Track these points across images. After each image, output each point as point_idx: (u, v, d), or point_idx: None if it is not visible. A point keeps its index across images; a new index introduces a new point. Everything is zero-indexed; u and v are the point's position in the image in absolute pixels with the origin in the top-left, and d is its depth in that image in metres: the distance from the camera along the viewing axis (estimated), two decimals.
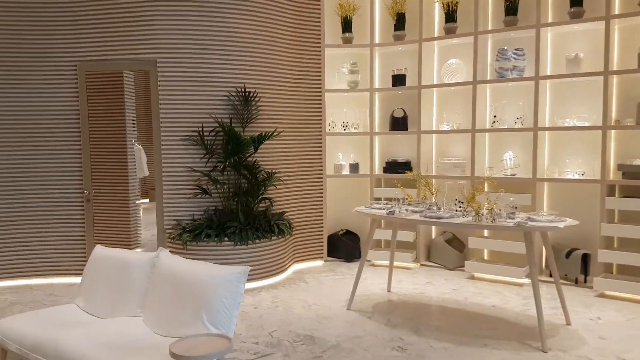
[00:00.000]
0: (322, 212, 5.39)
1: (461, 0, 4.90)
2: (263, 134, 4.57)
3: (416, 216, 3.42)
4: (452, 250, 4.99)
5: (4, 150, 4.71)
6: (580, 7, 4.24)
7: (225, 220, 4.52)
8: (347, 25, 5.40)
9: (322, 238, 5.41)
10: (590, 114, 4.34)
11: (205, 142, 4.62)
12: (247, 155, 4.56)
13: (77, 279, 4.81)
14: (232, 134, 4.44)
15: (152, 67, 4.62)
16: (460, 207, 3.38)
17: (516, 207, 3.21)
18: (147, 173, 7.00)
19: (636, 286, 3.83)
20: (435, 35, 5.19)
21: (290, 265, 5.01)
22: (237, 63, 4.74)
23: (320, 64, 5.30)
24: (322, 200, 5.39)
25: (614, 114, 4.16)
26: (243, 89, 4.71)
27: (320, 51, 5.29)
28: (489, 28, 4.84)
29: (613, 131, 4.15)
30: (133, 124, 5.83)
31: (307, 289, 4.36)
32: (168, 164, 4.66)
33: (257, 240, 4.40)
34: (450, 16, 4.95)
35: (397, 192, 5.13)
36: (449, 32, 4.96)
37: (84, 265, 4.70)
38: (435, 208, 3.51)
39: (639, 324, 3.38)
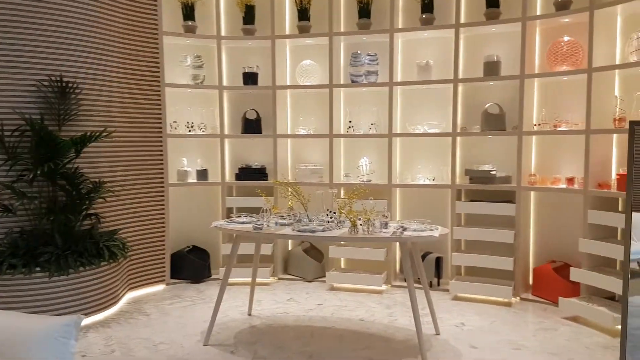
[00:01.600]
0: (163, 226, 4.67)
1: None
2: (87, 134, 3.70)
3: (287, 230, 3.02)
4: (311, 260, 4.73)
5: None
6: (431, 14, 4.33)
7: (36, 244, 3.54)
8: (189, 12, 4.77)
9: (163, 257, 4.68)
10: (439, 121, 4.47)
11: (6, 144, 3.57)
12: (66, 161, 3.64)
13: None
14: (45, 134, 3.50)
15: None
16: (332, 217, 3.07)
17: (388, 216, 3.03)
18: None
19: (488, 287, 4.01)
20: (287, 33, 4.88)
21: (124, 294, 4.19)
22: (51, 46, 3.78)
23: (158, 54, 4.58)
24: (163, 213, 4.66)
25: (459, 121, 4.32)
26: (59, 79, 3.77)
27: (157, 39, 4.56)
28: (342, 30, 4.69)
29: (460, 138, 4.30)
30: None
31: (148, 323, 3.64)
32: None
33: (81, 268, 3.53)
34: (303, 14, 4.69)
35: (254, 202, 4.70)
36: (303, 30, 4.69)
37: None
38: (306, 220, 3.15)
39: (501, 327, 3.48)
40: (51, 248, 3.50)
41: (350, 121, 4.65)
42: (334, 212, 3.10)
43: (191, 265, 4.76)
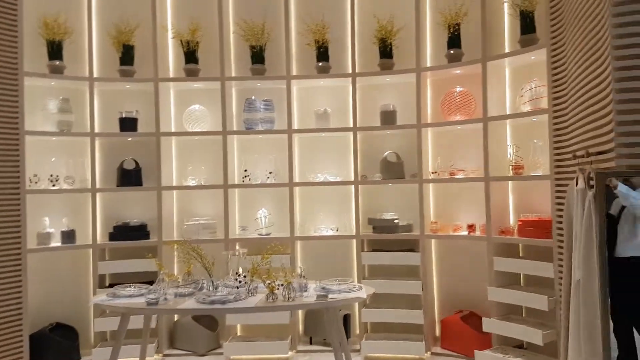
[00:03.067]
0: (20, 301, 3.92)
1: (202, 40, 4.46)
2: None
3: (191, 303, 2.64)
4: (203, 330, 4.28)
5: None
6: (327, 63, 4.37)
7: None
8: (55, 50, 4.27)
9: (21, 340, 3.90)
10: (339, 169, 4.46)
11: None
12: None
13: None
14: None
15: None
16: (240, 282, 2.77)
17: (304, 276, 2.82)
18: None
19: (401, 345, 3.93)
20: (171, 75, 4.59)
21: None
22: None
23: (16, 97, 3.97)
24: (20, 286, 3.92)
25: (359, 169, 4.34)
26: None
27: (16, 80, 3.97)
28: (233, 75, 4.54)
29: (361, 186, 4.31)
30: None
31: None
32: None
33: None
34: (190, 56, 4.45)
35: (134, 266, 4.19)
36: (191, 74, 4.45)
37: None
38: (209, 287, 2.81)
39: None
40: None
41: (245, 170, 4.44)
42: (244, 276, 2.80)
43: (56, 346, 4.04)
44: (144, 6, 4.36)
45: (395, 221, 4.17)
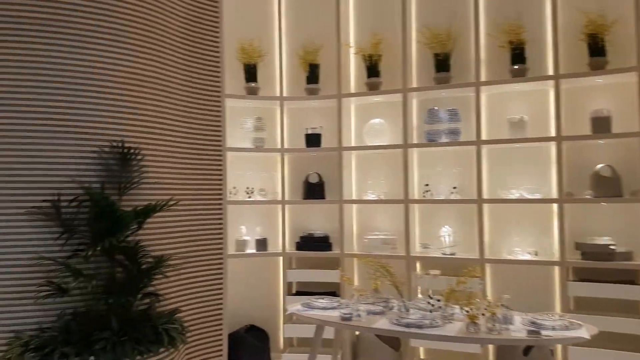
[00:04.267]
0: (221, 303, 4.36)
1: (384, 53, 4.51)
2: (152, 204, 3.51)
3: (384, 323, 2.65)
4: (385, 348, 4.28)
5: None
6: (524, 65, 4.08)
7: (90, 329, 3.27)
8: (251, 73, 4.71)
9: (221, 338, 4.33)
10: (538, 184, 4.09)
11: (63, 216, 3.41)
12: (128, 234, 3.43)
13: None
14: (106, 205, 3.31)
15: None
16: (433, 305, 2.69)
17: (507, 306, 2.63)
18: None
19: None
20: (352, 91, 4.73)
21: None
22: (112, 111, 3.69)
23: (220, 117, 4.46)
24: (221, 288, 4.37)
25: (564, 186, 3.93)
26: (121, 145, 3.65)
27: (219, 102, 4.47)
28: (415, 85, 4.50)
29: (566, 205, 3.89)
30: None
31: None
32: (2, 249, 3.32)
33: (138, 357, 3.21)
34: (372, 70, 4.54)
35: (318, 276, 4.39)
36: (372, 87, 4.53)
37: None
38: (400, 307, 2.79)
39: None
40: (107, 333, 3.22)
41: (427, 184, 4.35)
42: (438, 299, 2.71)
43: (250, 347, 4.40)
44: (329, 26, 4.59)
45: (611, 247, 3.65)
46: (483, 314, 2.49)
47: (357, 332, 4.51)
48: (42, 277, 3.36)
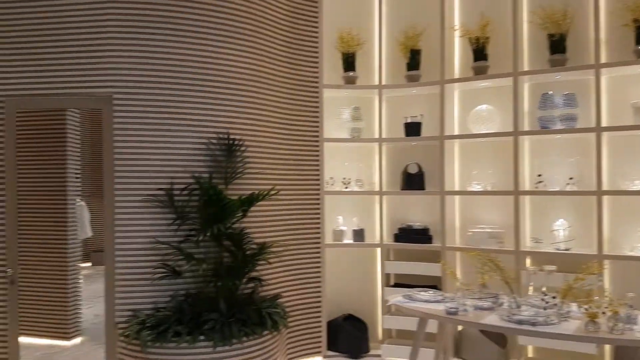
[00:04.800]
0: (319, 291, 4.47)
1: (492, 35, 4.30)
2: (255, 193, 3.68)
3: (494, 319, 2.57)
4: (491, 345, 4.14)
5: None
6: None
7: (200, 310, 3.52)
8: (349, 62, 4.73)
9: (319, 326, 4.46)
10: None
11: (176, 203, 3.68)
12: (234, 221, 3.63)
13: None
14: (215, 193, 3.53)
15: (106, 105, 3.71)
16: (548, 302, 2.56)
17: (632, 306, 2.43)
18: (89, 234, 5.96)
19: None
20: (456, 76, 4.57)
21: None
22: (220, 104, 3.91)
23: (317, 107, 4.55)
24: (319, 277, 4.49)
25: None
26: (227, 137, 3.86)
27: (317, 93, 4.55)
28: (526, 68, 4.24)
29: None
30: (76, 176, 4.85)
31: None
32: (123, 234, 3.67)
33: (244, 338, 3.40)
34: (479, 54, 4.35)
35: (417, 269, 4.33)
36: (479, 72, 4.34)
37: None
38: (511, 303, 2.68)
39: None
40: (215, 315, 3.45)
41: (539, 175, 4.11)
42: (553, 297, 2.57)
43: (348, 336, 4.47)
44: (432, 9, 4.47)
45: None
46: (604, 313, 2.32)
47: (459, 328, 4.40)
48: (157, 260, 3.67)
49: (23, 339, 3.74)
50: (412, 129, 4.63)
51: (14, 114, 3.78)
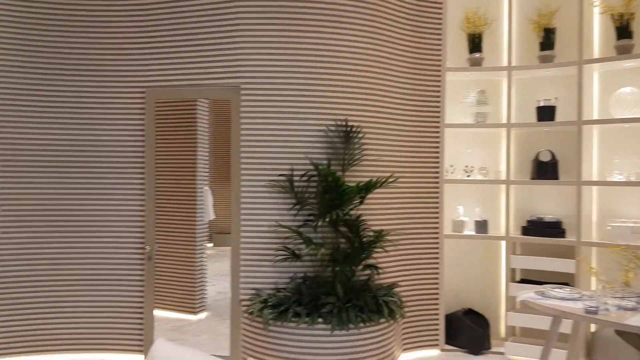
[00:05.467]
0: (437, 282, 4.41)
1: (638, 11, 3.88)
2: (373, 180, 3.72)
3: (639, 320, 2.36)
4: (629, 349, 3.79)
5: (52, 191, 4.19)
6: None
7: (318, 293, 3.66)
8: (475, 44, 4.55)
9: (437, 318, 4.40)
10: None
11: (296, 189, 3.85)
12: (351, 207, 3.71)
13: (129, 357, 4.12)
14: (333, 179, 3.63)
15: (235, 95, 3.98)
16: None
17: None
18: (212, 217, 6.45)
19: None
20: (596, 56, 4.19)
21: (398, 355, 4.02)
22: (338, 91, 3.99)
23: (439, 91, 4.45)
24: (437, 268, 4.42)
25: None
26: (345, 123, 3.94)
27: (440, 76, 4.45)
28: None
29: None
30: (205, 163, 5.27)
31: None
32: (248, 216, 3.93)
33: (360, 324, 3.48)
34: (623, 32, 3.95)
35: (546, 265, 4.10)
36: (623, 51, 3.95)
37: (141, 340, 4.02)
38: None
39: None
40: (332, 299, 3.56)
41: None
42: None
43: (468, 331, 4.36)
44: None
45: None
46: None
47: (592, 329, 4.09)
48: (278, 242, 3.88)
49: (156, 312, 4.17)
50: (545, 113, 4.35)
51: (153, 104, 4.20)
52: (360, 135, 3.96)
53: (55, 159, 4.17)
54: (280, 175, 3.91)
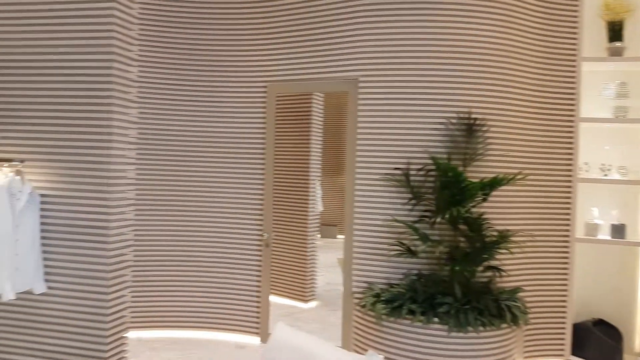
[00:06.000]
0: (565, 289, 4.12)
1: None
2: (498, 177, 3.56)
3: None
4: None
5: (183, 179, 4.52)
6: None
7: (433, 291, 3.58)
8: (615, 32, 4.16)
9: (563, 327, 4.12)
10: None
11: (412, 183, 3.80)
12: (472, 205, 3.58)
13: (245, 338, 4.35)
14: (454, 174, 3.52)
15: (353, 87, 4.01)
16: None
17: None
18: (321, 209, 6.58)
19: None
20: None
21: None
22: (461, 82, 3.86)
23: (573, 83, 4.14)
24: (566, 273, 4.13)
25: None
26: (467, 116, 3.80)
27: (574, 66, 4.13)
28: None
29: None
30: (318, 156, 5.37)
31: None
32: (361, 210, 3.95)
33: (480, 328, 3.35)
34: None
35: None
36: None
37: (257, 322, 4.22)
38: None
39: None
40: (450, 299, 3.47)
41: None
42: None
43: (598, 343, 4.03)
44: None
45: None
46: None
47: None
48: (392, 237, 3.85)
49: (270, 298, 4.34)
50: None
51: (274, 97, 4.37)
52: (484, 128, 3.81)
53: (187, 150, 4.50)
54: (396, 168, 3.87)
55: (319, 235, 7.06)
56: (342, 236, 4.19)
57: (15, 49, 3.15)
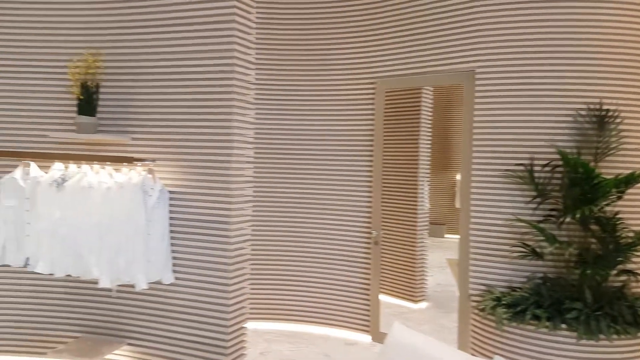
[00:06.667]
0: None
1: None
2: (635, 173, 3.28)
3: None
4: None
5: (295, 177, 4.66)
6: None
7: (560, 296, 3.38)
8: None
9: None
10: None
11: (536, 180, 3.61)
12: (605, 204, 3.33)
13: (354, 335, 4.40)
14: (585, 170, 3.29)
15: (469, 80, 3.89)
16: None
17: None
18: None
19: None
20: None
21: None
22: (591, 70, 3.60)
23: None
24: None
25: None
26: (599, 107, 3.54)
27: None
28: None
29: None
30: (427, 153, 5.28)
31: None
32: (479, 208, 3.82)
33: (613, 336, 3.11)
34: None
35: None
36: None
37: (367, 320, 4.26)
38: None
39: None
40: (579, 304, 3.26)
41: None
42: None
43: None
44: None
45: None
46: None
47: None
48: (513, 237, 3.69)
49: (379, 296, 4.34)
50: None
51: (382, 94, 4.36)
52: (617, 120, 3.53)
53: (298, 149, 4.64)
54: (518, 164, 3.70)
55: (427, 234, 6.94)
56: (450, 235, 4.09)
57: (147, 56, 3.44)
